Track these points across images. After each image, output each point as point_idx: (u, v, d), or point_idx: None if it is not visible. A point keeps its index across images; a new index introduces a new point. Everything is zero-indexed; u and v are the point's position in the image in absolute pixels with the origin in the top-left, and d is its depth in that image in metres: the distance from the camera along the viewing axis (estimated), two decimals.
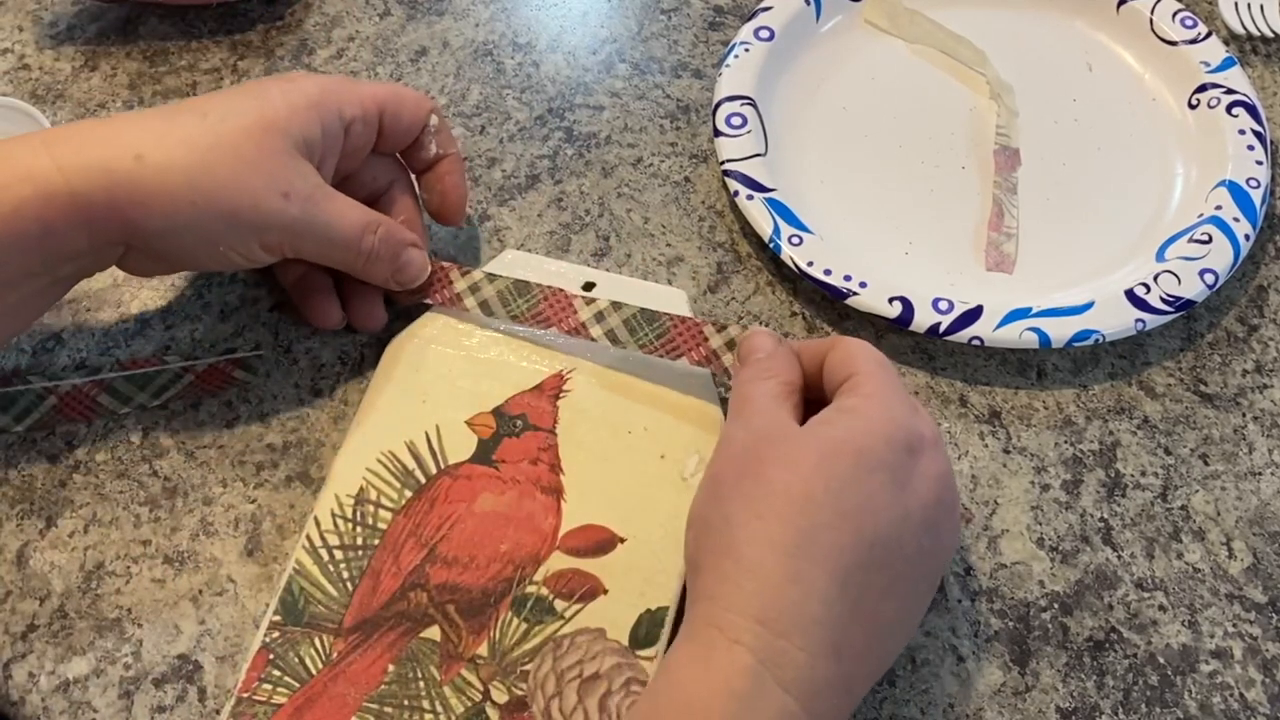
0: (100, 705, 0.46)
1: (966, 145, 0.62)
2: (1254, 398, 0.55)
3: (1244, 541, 0.51)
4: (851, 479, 0.40)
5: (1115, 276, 0.56)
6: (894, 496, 0.40)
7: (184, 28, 0.68)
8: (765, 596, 0.38)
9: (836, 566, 0.38)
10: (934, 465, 0.42)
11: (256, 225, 0.47)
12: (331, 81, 0.50)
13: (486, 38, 0.67)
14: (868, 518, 0.39)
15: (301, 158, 0.48)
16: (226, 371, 0.53)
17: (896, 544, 0.40)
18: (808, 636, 0.37)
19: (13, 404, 0.52)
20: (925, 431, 0.42)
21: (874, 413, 0.42)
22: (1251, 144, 0.59)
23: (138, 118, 0.46)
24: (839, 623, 0.38)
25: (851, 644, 0.38)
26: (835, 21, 0.66)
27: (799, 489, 0.39)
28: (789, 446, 0.41)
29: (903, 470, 0.41)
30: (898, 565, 0.40)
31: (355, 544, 0.48)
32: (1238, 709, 0.47)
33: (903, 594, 0.40)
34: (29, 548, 0.50)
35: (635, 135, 0.63)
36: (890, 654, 0.42)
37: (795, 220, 0.57)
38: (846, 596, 0.38)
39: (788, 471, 0.40)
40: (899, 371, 0.55)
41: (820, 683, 0.38)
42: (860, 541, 0.39)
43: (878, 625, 0.40)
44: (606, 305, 0.52)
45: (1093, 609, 0.49)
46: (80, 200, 0.44)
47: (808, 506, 0.39)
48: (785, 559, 0.38)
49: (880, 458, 0.40)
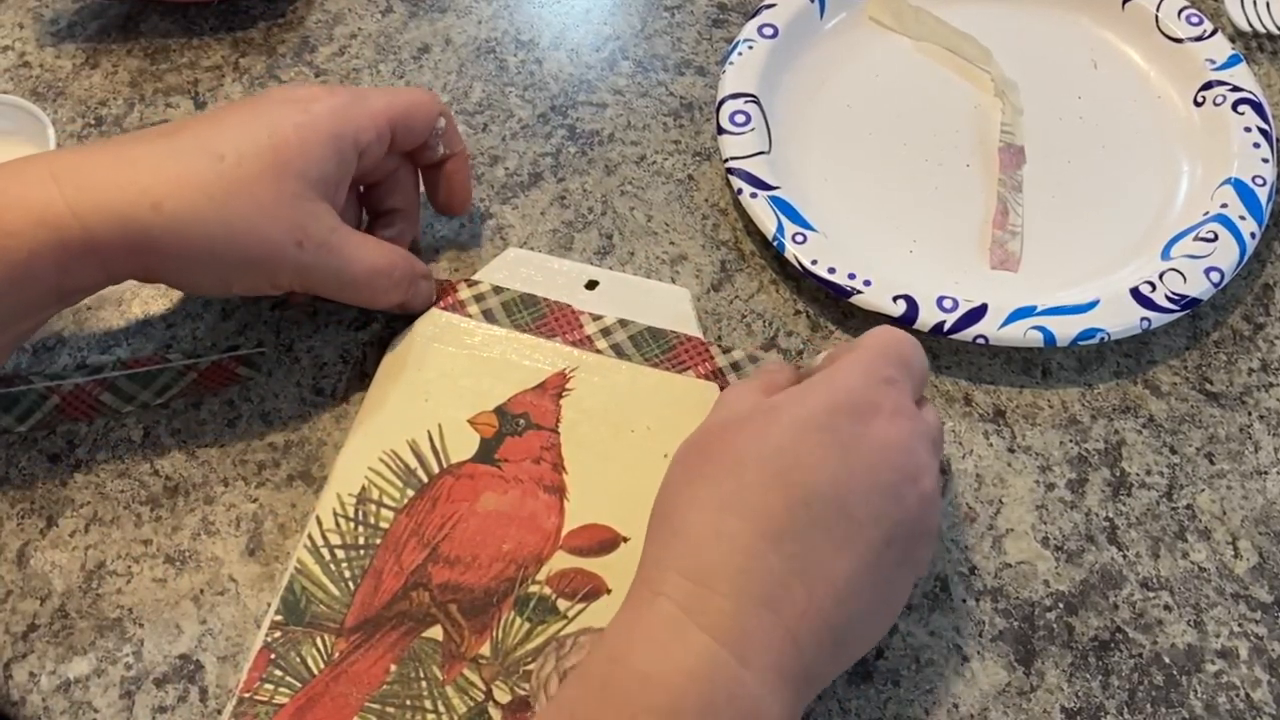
0: (101, 705, 0.46)
1: (971, 143, 0.62)
2: (1260, 396, 0.54)
3: (1250, 541, 0.50)
4: (787, 441, 0.41)
5: (1120, 275, 0.56)
6: (834, 457, 0.40)
7: (185, 25, 0.67)
8: (689, 551, 0.39)
9: (767, 522, 0.39)
10: (888, 432, 0.41)
11: (270, 271, 0.47)
12: (343, 104, 0.49)
13: (489, 35, 0.67)
14: (802, 475, 0.40)
15: (317, 198, 0.47)
16: (229, 369, 0.53)
17: (838, 504, 0.40)
18: (732, 584, 0.38)
19: (15, 404, 0.52)
20: (883, 402, 0.42)
21: (824, 385, 0.42)
22: (1257, 141, 0.59)
23: (149, 157, 0.45)
24: (771, 575, 0.38)
25: (792, 599, 0.38)
26: (839, 19, 0.66)
27: (731, 455, 0.41)
28: (733, 421, 0.42)
29: (848, 434, 0.41)
30: (843, 525, 0.39)
31: (357, 543, 0.48)
32: (1243, 709, 0.46)
33: (858, 556, 0.40)
34: (30, 547, 0.50)
35: (638, 133, 0.63)
36: (862, 620, 0.41)
37: (799, 218, 0.56)
38: (780, 551, 0.39)
39: (724, 441, 0.42)
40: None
41: (752, 630, 0.38)
42: (793, 499, 0.39)
43: (828, 584, 0.39)
44: (613, 322, 0.53)
45: (1098, 608, 0.49)
46: (97, 244, 0.44)
47: (737, 468, 0.40)
48: (711, 515, 0.40)
49: (820, 422, 0.41)
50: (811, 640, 0.39)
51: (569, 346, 0.52)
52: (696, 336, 0.53)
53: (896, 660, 0.47)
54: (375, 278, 0.50)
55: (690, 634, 0.37)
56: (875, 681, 0.47)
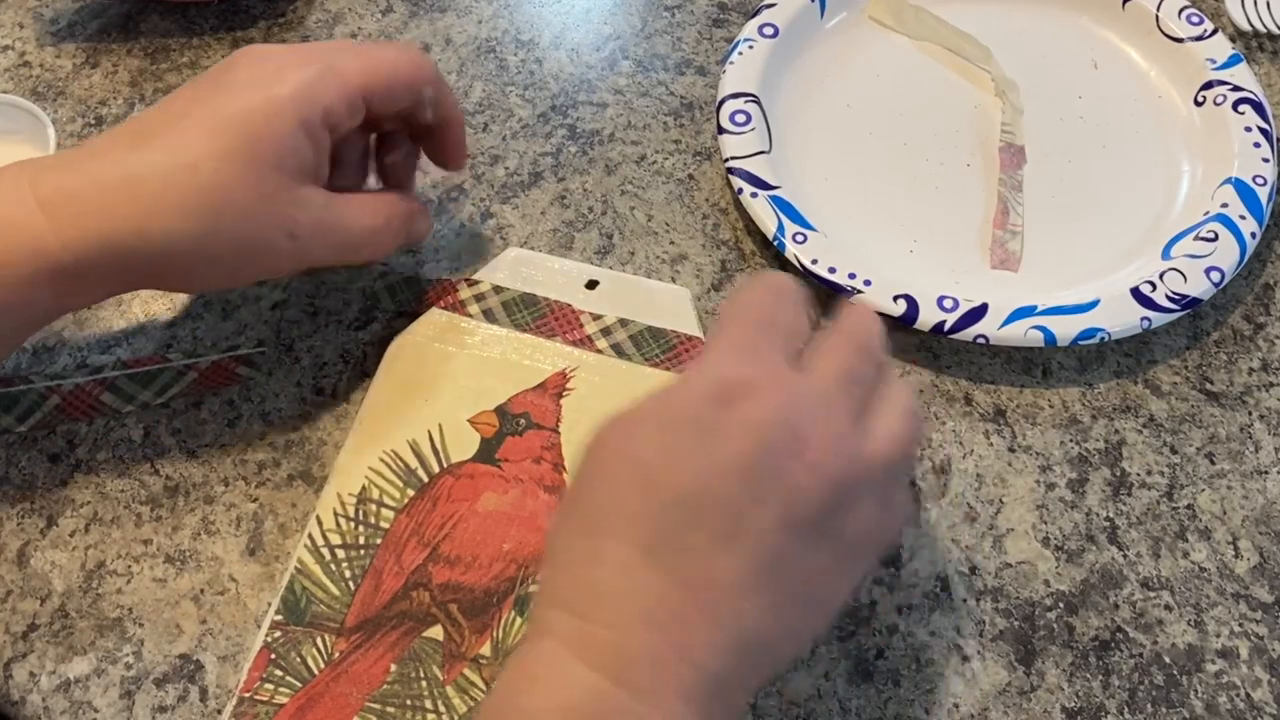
0: (101, 705, 0.46)
1: (971, 142, 0.62)
2: (1260, 396, 0.54)
3: (1250, 540, 0.50)
4: (647, 447, 0.38)
5: (1121, 274, 0.56)
6: (699, 451, 0.37)
7: (185, 24, 0.67)
8: (567, 583, 0.37)
9: (637, 537, 0.36)
10: (758, 410, 0.37)
11: (268, 265, 0.47)
12: (310, 79, 0.46)
13: (489, 35, 0.67)
14: (667, 478, 0.37)
15: (300, 184, 0.46)
16: (230, 368, 0.53)
17: (711, 499, 0.36)
18: (612, 610, 0.36)
19: (15, 404, 0.51)
20: (748, 378, 0.38)
21: (686, 377, 0.39)
22: (1258, 141, 0.59)
23: (126, 179, 0.44)
24: (650, 592, 0.36)
25: (676, 610, 0.36)
26: (840, 18, 0.66)
27: (592, 473, 0.38)
28: (597, 435, 0.40)
29: (711, 422, 0.37)
30: (722, 521, 0.36)
31: (357, 543, 0.48)
32: (1244, 709, 0.46)
33: (748, 549, 0.36)
34: (30, 547, 0.50)
35: (639, 132, 0.63)
36: (774, 614, 0.37)
37: (799, 218, 0.56)
38: (656, 564, 0.36)
39: (589, 462, 0.39)
40: (902, 370, 0.55)
41: (635, 654, 0.35)
42: (661, 506, 0.36)
43: (716, 588, 0.36)
44: (614, 321, 0.52)
45: (1098, 608, 0.49)
46: (89, 270, 0.44)
47: (599, 485, 0.38)
48: (582, 541, 0.37)
49: (679, 414, 0.38)
50: (708, 651, 0.36)
51: (569, 346, 0.52)
52: (697, 336, 0.53)
53: (897, 660, 0.47)
54: (374, 235, 0.49)
55: (571, 669, 0.35)
56: (876, 681, 0.47)
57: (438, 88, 0.50)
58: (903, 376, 0.54)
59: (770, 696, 0.46)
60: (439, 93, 0.51)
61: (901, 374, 0.55)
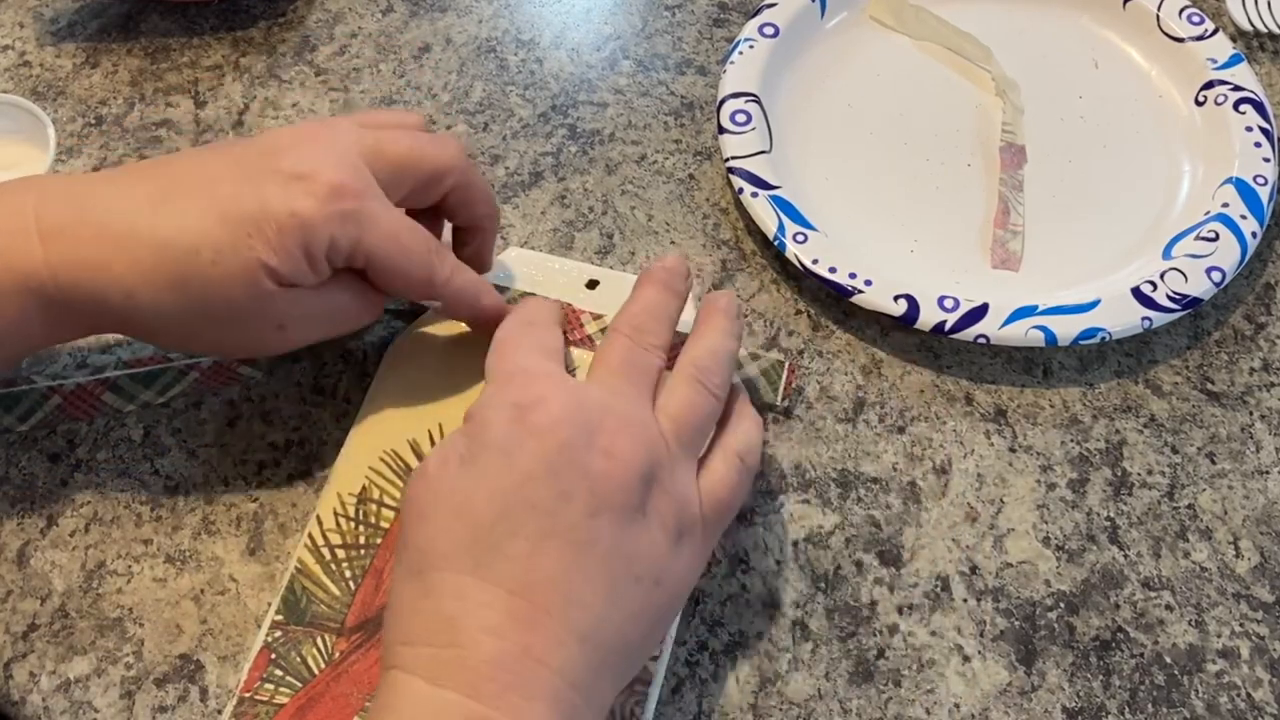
0: (101, 705, 0.46)
1: (972, 142, 0.62)
2: (1261, 396, 0.54)
3: (1251, 540, 0.50)
4: (453, 480, 0.39)
5: (1121, 274, 0.56)
6: (504, 469, 0.39)
7: (185, 24, 0.67)
8: (404, 621, 0.38)
9: (462, 560, 0.38)
10: (547, 415, 0.40)
11: (252, 349, 0.48)
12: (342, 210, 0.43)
13: (489, 34, 0.67)
14: (481, 502, 0.38)
15: (294, 287, 0.44)
16: (231, 368, 0.53)
17: (521, 505, 0.38)
18: (455, 632, 0.37)
19: (16, 403, 0.51)
20: (521, 398, 0.40)
21: (475, 412, 0.41)
22: (1259, 141, 0.59)
23: (128, 237, 0.43)
24: (485, 604, 0.37)
25: (513, 615, 0.37)
26: (840, 18, 0.66)
27: (412, 518, 0.40)
28: (410, 491, 0.41)
29: (511, 441, 0.39)
30: (536, 521, 0.38)
31: (358, 543, 0.48)
32: (1245, 709, 0.46)
33: (564, 542, 0.38)
34: (30, 547, 0.50)
35: (639, 132, 0.63)
36: (609, 603, 0.38)
37: (800, 218, 0.56)
38: (486, 578, 0.37)
39: (407, 511, 0.40)
40: (903, 370, 0.55)
41: (482, 665, 0.36)
42: (477, 529, 0.38)
43: (545, 585, 0.37)
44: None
45: (1099, 608, 0.49)
46: (77, 312, 0.44)
47: (419, 528, 0.39)
48: (413, 579, 0.39)
49: (478, 443, 0.40)
50: (549, 645, 0.37)
51: (570, 346, 0.52)
52: None
53: (897, 660, 0.47)
54: (364, 323, 0.49)
55: (424, 693, 0.36)
56: (876, 681, 0.47)
57: (466, 193, 0.49)
58: (903, 377, 0.54)
59: (770, 696, 0.46)
60: (466, 190, 0.49)
61: (902, 374, 0.55)
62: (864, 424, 0.53)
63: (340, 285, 0.46)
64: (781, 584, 0.49)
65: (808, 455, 0.52)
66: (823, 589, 0.49)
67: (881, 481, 0.52)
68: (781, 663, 0.47)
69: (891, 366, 0.55)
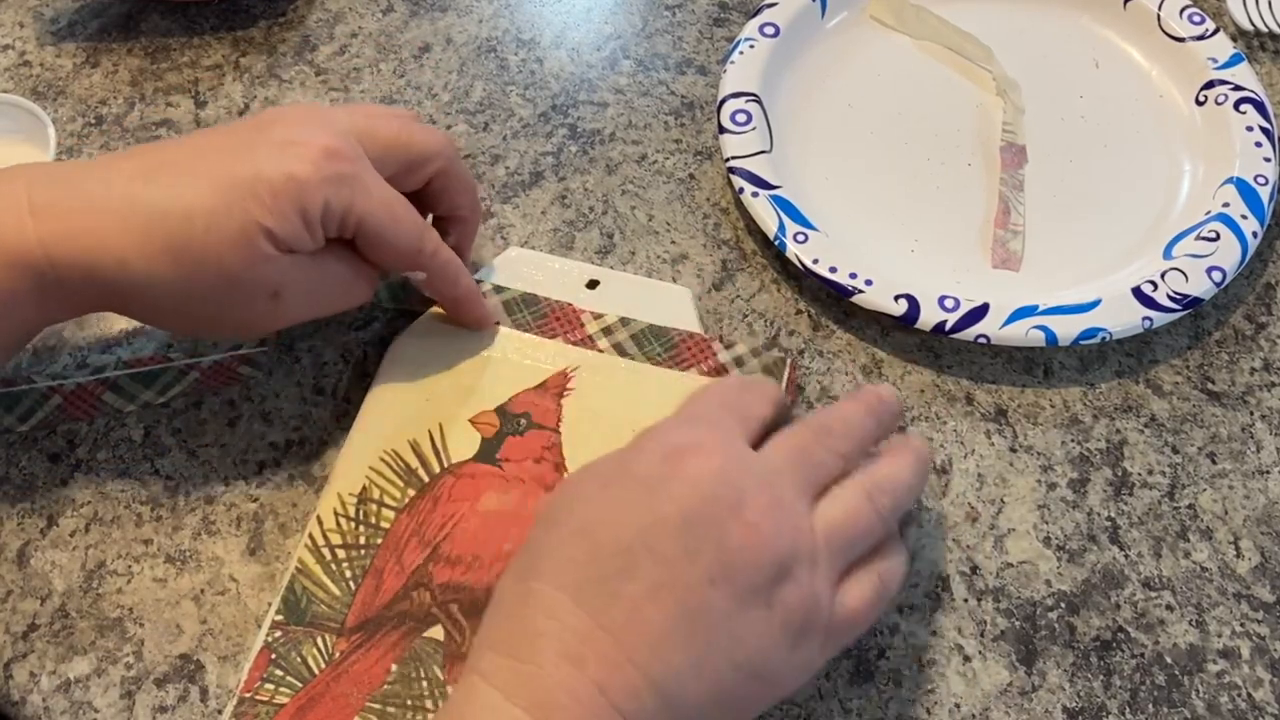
0: (101, 705, 0.46)
1: (972, 142, 0.62)
2: (1262, 396, 0.54)
3: (1252, 540, 0.50)
4: (589, 498, 0.39)
5: (1122, 274, 0.56)
6: (640, 501, 0.38)
7: (185, 24, 0.67)
8: (498, 622, 0.39)
9: (567, 578, 0.37)
10: (701, 469, 0.39)
11: (245, 321, 0.47)
12: (338, 172, 0.44)
13: (490, 34, 0.67)
14: (607, 529, 0.38)
15: (289, 253, 0.45)
16: (232, 368, 0.53)
17: (646, 548, 0.37)
18: (533, 647, 0.37)
19: (17, 403, 0.51)
20: (698, 443, 0.40)
21: (638, 440, 0.41)
22: (1259, 141, 0.59)
23: (121, 207, 0.43)
24: (574, 632, 0.37)
25: (599, 651, 0.36)
26: (841, 18, 0.66)
27: (541, 524, 0.40)
28: (551, 496, 0.42)
29: (657, 478, 0.39)
30: (655, 570, 0.37)
31: (358, 543, 0.48)
32: (1245, 709, 0.46)
33: (676, 600, 0.37)
34: (30, 547, 0.50)
35: (639, 132, 0.63)
36: (693, 669, 0.37)
37: (800, 217, 0.56)
38: (584, 605, 0.37)
39: (541, 515, 0.40)
40: (903, 370, 0.55)
41: (552, 689, 0.36)
42: (594, 554, 0.38)
43: (640, 632, 0.37)
44: (614, 320, 0.52)
45: (1100, 608, 0.49)
46: (69, 287, 0.44)
47: (543, 535, 0.39)
48: (518, 583, 0.39)
49: (626, 471, 0.40)
50: (625, 691, 0.36)
51: (570, 346, 0.52)
52: (698, 333, 0.53)
53: (898, 660, 0.47)
54: (356, 300, 0.49)
55: (496, 706, 0.36)
56: (877, 681, 0.47)
57: (450, 179, 0.50)
58: (904, 377, 0.54)
59: None
60: (451, 184, 0.50)
61: (903, 374, 0.55)
62: None
63: (334, 255, 0.47)
64: None
65: None
66: None
67: None
68: None
69: (892, 366, 0.55)
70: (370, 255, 0.48)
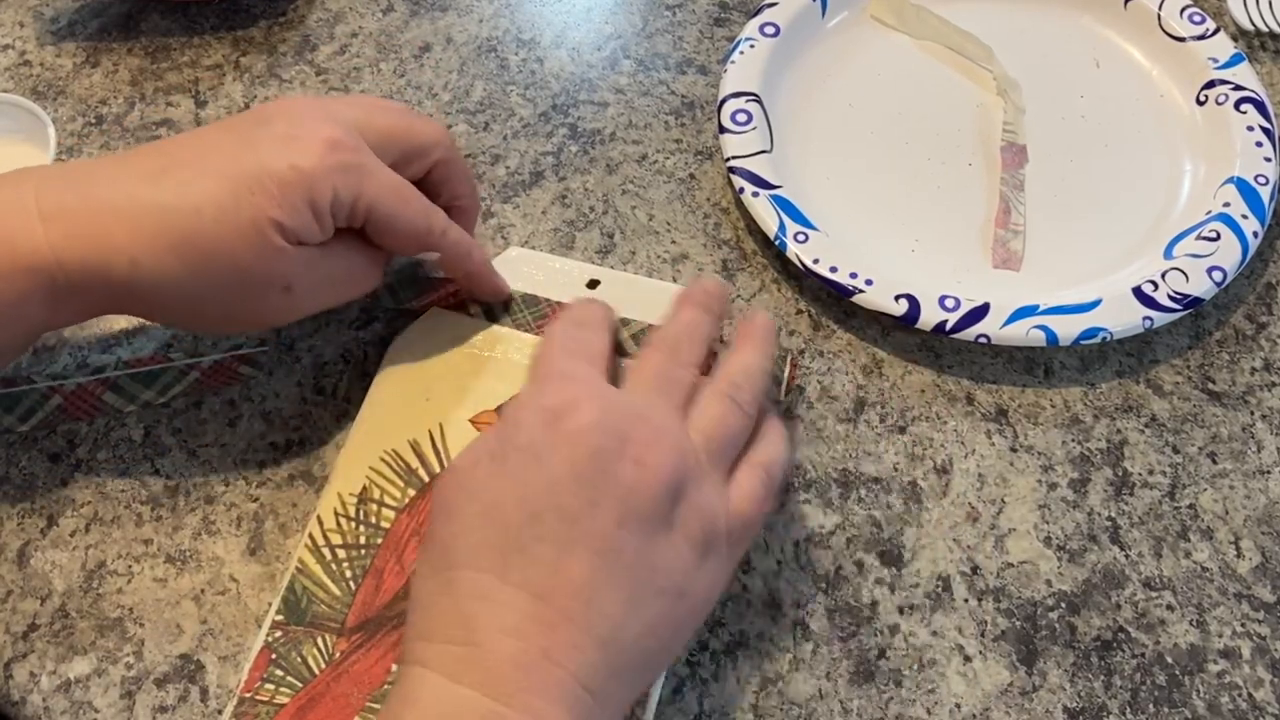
0: (102, 705, 0.46)
1: (973, 142, 0.62)
2: (1262, 396, 0.54)
3: (1252, 540, 0.50)
4: (483, 479, 0.40)
5: (1123, 274, 0.56)
6: (532, 469, 0.39)
7: (186, 24, 0.67)
8: (426, 616, 0.39)
9: (487, 561, 0.38)
10: (580, 420, 0.40)
11: (258, 316, 0.47)
12: (341, 161, 0.44)
13: (490, 34, 0.67)
14: (509, 504, 0.39)
15: (299, 245, 0.45)
16: (232, 367, 0.53)
17: (549, 509, 0.38)
18: (475, 631, 0.37)
19: (17, 403, 0.51)
20: (570, 395, 0.41)
21: (511, 411, 0.41)
22: (1260, 140, 0.59)
23: (129, 207, 0.43)
24: (507, 605, 0.37)
25: (533, 617, 0.37)
26: (841, 17, 0.66)
27: (440, 515, 0.40)
28: (441, 487, 0.42)
29: (542, 444, 0.40)
30: (565, 528, 0.38)
31: (358, 543, 0.48)
32: (1246, 709, 0.46)
33: (592, 550, 0.38)
34: (30, 547, 0.50)
35: (640, 132, 0.63)
36: (630, 611, 0.38)
37: (801, 217, 0.56)
38: (510, 580, 0.38)
39: (436, 507, 0.41)
40: (904, 370, 0.55)
41: (501, 664, 0.37)
42: (507, 527, 0.38)
43: (568, 590, 0.38)
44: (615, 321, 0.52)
45: (1100, 608, 0.49)
46: (80, 290, 0.44)
47: (446, 524, 0.40)
48: (435, 575, 0.39)
49: (510, 444, 0.40)
50: (568, 649, 0.37)
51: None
52: None
53: (899, 660, 0.47)
54: (366, 289, 0.50)
55: (442, 688, 0.37)
56: (877, 681, 0.47)
57: (449, 169, 0.50)
58: (904, 376, 0.54)
59: (771, 696, 0.46)
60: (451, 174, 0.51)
61: (903, 374, 0.55)
62: (865, 424, 0.53)
63: (343, 244, 0.47)
64: (782, 584, 0.49)
65: (808, 455, 0.52)
66: (824, 589, 0.49)
67: (882, 481, 0.52)
68: (782, 663, 0.47)
69: (892, 366, 0.55)
70: (382, 241, 0.48)
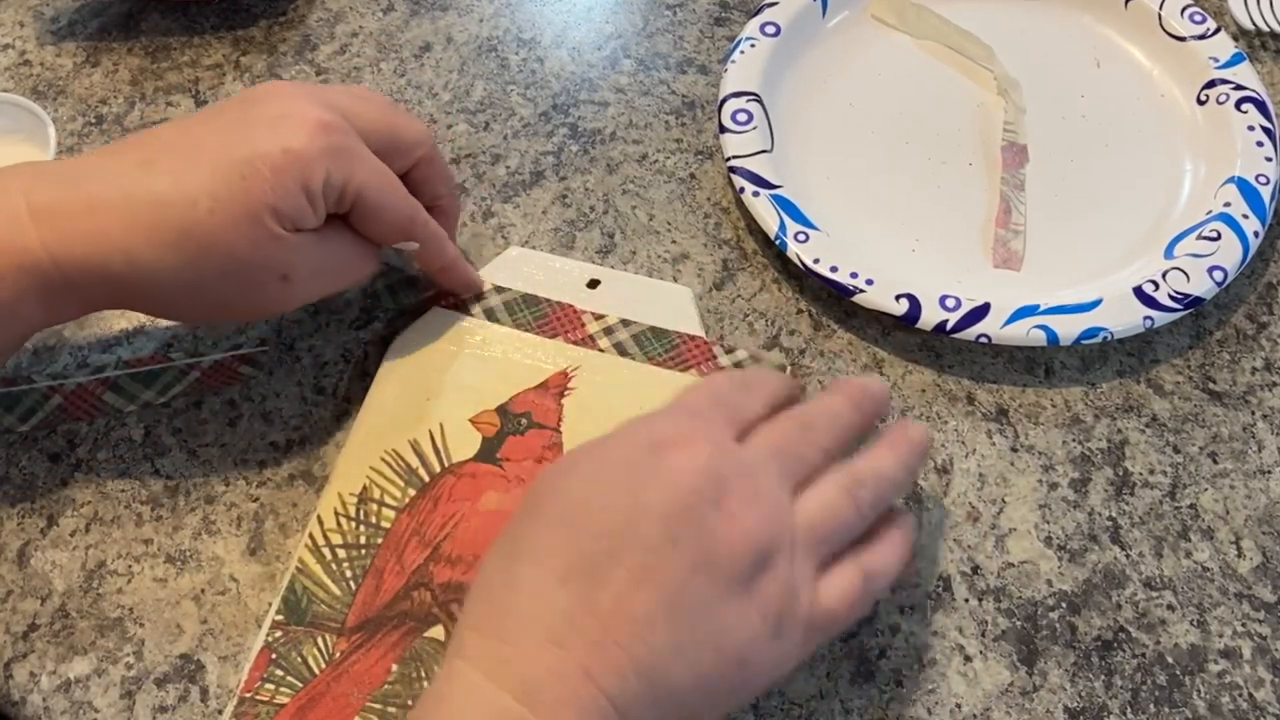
0: (102, 705, 0.46)
1: (974, 141, 0.62)
2: (1263, 395, 0.54)
3: (1253, 540, 0.50)
4: (575, 483, 0.40)
5: (1123, 274, 0.56)
6: (626, 489, 0.39)
7: (186, 23, 0.67)
8: (482, 605, 0.39)
9: (555, 562, 0.38)
10: (686, 460, 0.39)
11: (255, 305, 0.47)
12: (332, 143, 0.45)
13: (490, 33, 0.67)
14: (592, 514, 0.38)
15: (295, 232, 0.45)
16: (233, 368, 0.53)
17: (632, 535, 0.38)
18: (522, 632, 0.37)
19: (17, 403, 0.51)
20: (686, 434, 0.40)
21: (626, 428, 0.41)
22: (1261, 140, 0.59)
23: (122, 202, 0.43)
24: (560, 614, 0.37)
25: (584, 634, 0.37)
26: (842, 17, 0.66)
27: (526, 508, 0.40)
28: (537, 482, 0.42)
29: (642, 467, 0.39)
30: (640, 556, 0.37)
31: (358, 543, 0.48)
32: (1246, 709, 0.46)
33: (660, 586, 0.37)
34: (30, 547, 0.50)
35: (640, 131, 0.63)
36: (677, 654, 0.37)
37: (801, 217, 0.56)
38: (570, 589, 0.37)
39: (528, 500, 0.41)
40: (904, 370, 0.54)
41: (537, 671, 0.36)
42: (579, 537, 0.38)
43: (626, 617, 0.37)
44: (615, 321, 0.52)
45: (1101, 608, 0.49)
46: (76, 287, 0.44)
47: (529, 519, 0.40)
48: (502, 565, 0.39)
49: (612, 458, 0.40)
50: (610, 673, 0.36)
51: (571, 345, 0.52)
52: (700, 336, 0.53)
53: (899, 660, 0.47)
54: (363, 277, 0.50)
55: (479, 688, 0.36)
56: (878, 681, 0.47)
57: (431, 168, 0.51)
58: (905, 376, 0.54)
59: (772, 697, 0.46)
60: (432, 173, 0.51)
61: (904, 374, 0.54)
62: None
63: (335, 232, 0.47)
64: None
65: None
66: None
67: None
68: None
69: (893, 366, 0.55)
70: (367, 228, 0.48)
